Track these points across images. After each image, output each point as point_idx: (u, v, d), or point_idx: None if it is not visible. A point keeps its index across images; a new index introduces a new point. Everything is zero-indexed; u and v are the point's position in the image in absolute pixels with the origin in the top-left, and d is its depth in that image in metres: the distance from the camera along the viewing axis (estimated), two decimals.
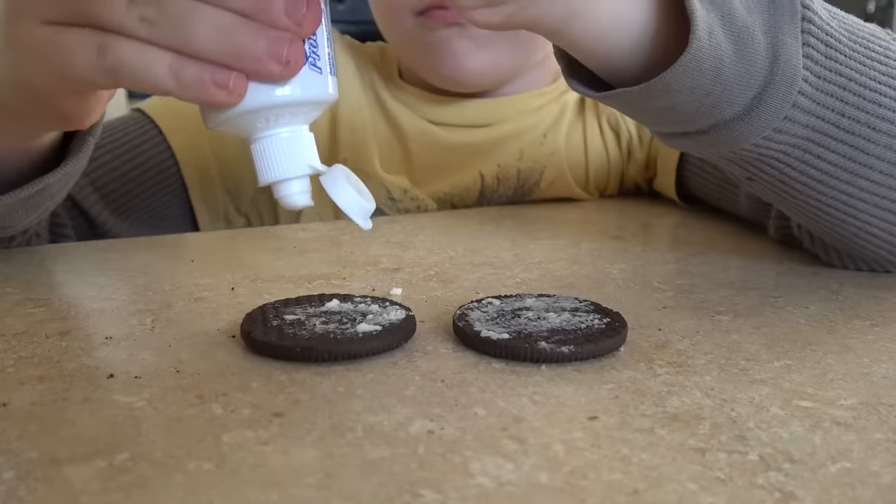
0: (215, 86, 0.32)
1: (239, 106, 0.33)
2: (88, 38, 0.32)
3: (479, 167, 0.75)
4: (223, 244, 0.62)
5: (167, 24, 0.31)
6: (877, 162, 0.43)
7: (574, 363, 0.36)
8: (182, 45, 0.31)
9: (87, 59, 0.32)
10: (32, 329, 0.40)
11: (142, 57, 0.32)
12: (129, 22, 0.31)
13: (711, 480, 0.27)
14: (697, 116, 0.40)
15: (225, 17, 0.31)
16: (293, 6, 0.31)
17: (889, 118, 0.43)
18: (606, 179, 0.79)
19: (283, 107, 0.33)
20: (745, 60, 0.38)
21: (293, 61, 0.32)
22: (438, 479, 0.26)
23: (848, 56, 0.41)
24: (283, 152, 0.34)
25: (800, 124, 0.41)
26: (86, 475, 0.26)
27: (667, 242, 0.60)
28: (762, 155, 0.43)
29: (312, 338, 0.36)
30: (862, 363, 0.37)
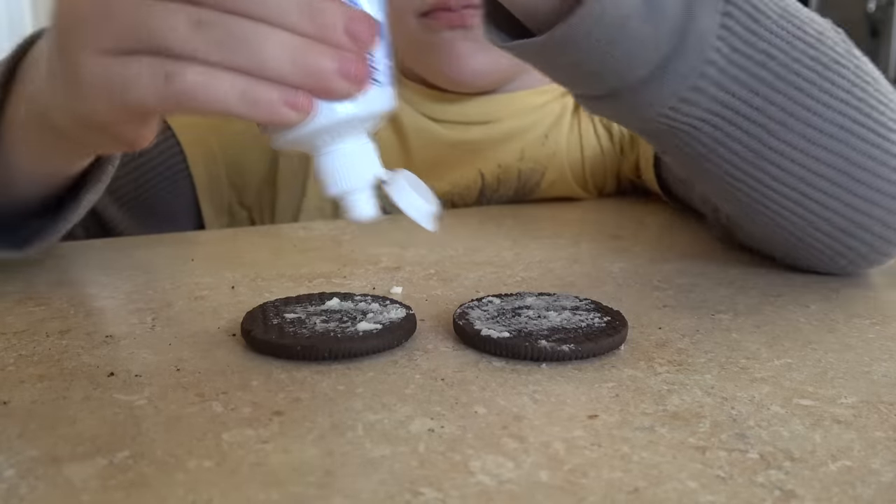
0: (286, 106, 0.32)
1: (307, 125, 0.33)
2: (154, 66, 0.32)
3: (478, 165, 0.75)
4: (224, 243, 0.62)
5: (235, 46, 0.31)
6: (789, 150, 0.42)
7: (574, 362, 0.36)
8: (252, 66, 0.31)
9: (155, 87, 0.32)
10: (33, 328, 0.40)
11: (211, 81, 0.31)
12: (196, 46, 0.31)
13: (712, 479, 0.27)
14: (602, 77, 0.39)
15: (292, 38, 0.31)
16: (353, 26, 0.32)
17: (807, 105, 0.41)
18: (604, 178, 0.79)
19: (347, 122, 0.34)
20: (652, 21, 0.37)
21: (362, 79, 0.32)
22: (439, 477, 0.26)
23: (774, 33, 0.40)
24: (349, 165, 0.35)
25: (709, 97, 0.40)
26: (86, 473, 0.26)
27: (667, 241, 0.60)
28: (672, 127, 0.42)
29: (313, 336, 0.36)
30: (862, 362, 0.37)
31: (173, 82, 0.31)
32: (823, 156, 0.42)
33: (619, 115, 0.42)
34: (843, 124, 0.42)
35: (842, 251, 0.47)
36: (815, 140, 0.42)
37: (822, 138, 0.42)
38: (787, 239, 0.48)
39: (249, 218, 0.77)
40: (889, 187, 0.44)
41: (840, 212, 0.44)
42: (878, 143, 0.43)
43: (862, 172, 0.43)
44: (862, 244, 0.46)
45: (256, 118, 0.32)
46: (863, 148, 0.43)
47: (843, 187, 0.43)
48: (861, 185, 0.44)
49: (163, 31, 0.31)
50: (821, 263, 0.49)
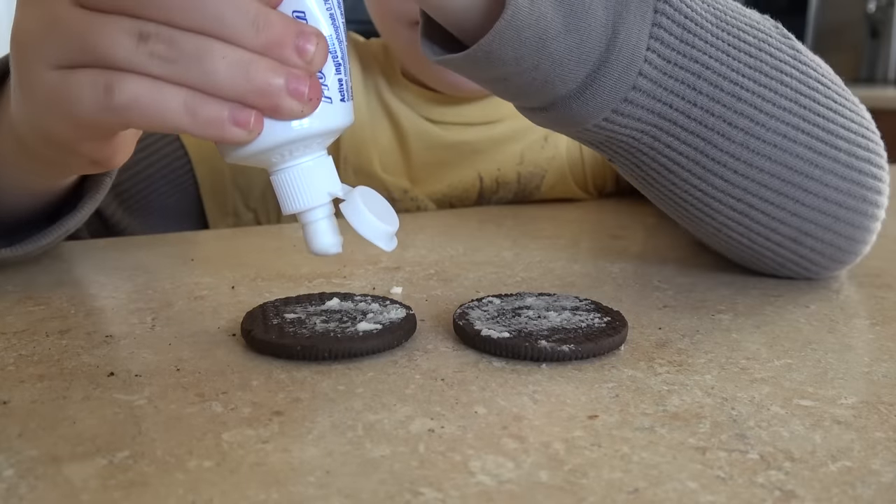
0: (234, 124, 0.31)
1: (256, 143, 0.32)
2: (95, 77, 0.31)
3: (477, 167, 0.75)
4: (223, 243, 0.62)
5: (182, 60, 0.30)
6: (731, 160, 0.41)
7: (574, 362, 0.36)
8: (198, 81, 0.30)
9: (95, 99, 0.31)
10: (33, 327, 0.40)
11: (154, 94, 0.30)
12: (139, 59, 0.30)
13: (712, 479, 0.27)
14: (532, 91, 0.38)
15: (240, 53, 0.30)
16: (302, 44, 0.31)
17: (749, 114, 0.40)
18: (604, 178, 0.79)
19: (300, 140, 0.33)
20: (576, 34, 0.36)
21: (313, 98, 0.32)
22: (439, 477, 0.26)
23: (709, 42, 0.39)
24: (304, 183, 0.34)
25: (643, 108, 0.39)
26: (86, 473, 0.26)
27: (667, 241, 0.60)
28: (610, 138, 0.41)
29: (313, 336, 0.36)
30: (862, 362, 0.37)
31: (113, 95, 0.31)
32: (768, 166, 0.41)
33: (556, 126, 0.41)
34: (787, 133, 0.41)
35: (792, 259, 0.47)
36: (758, 150, 0.41)
37: (766, 148, 0.41)
38: (737, 249, 0.47)
39: (255, 220, 0.77)
40: (836, 195, 0.43)
41: (787, 221, 0.44)
42: (825, 152, 0.42)
43: (808, 181, 0.42)
44: (811, 251, 0.46)
45: (203, 135, 0.31)
46: (808, 157, 0.42)
47: (790, 197, 0.43)
48: (808, 194, 0.43)
49: (106, 44, 0.30)
50: (775, 271, 0.49)
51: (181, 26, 0.30)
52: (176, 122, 0.31)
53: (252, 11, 0.30)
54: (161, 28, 0.30)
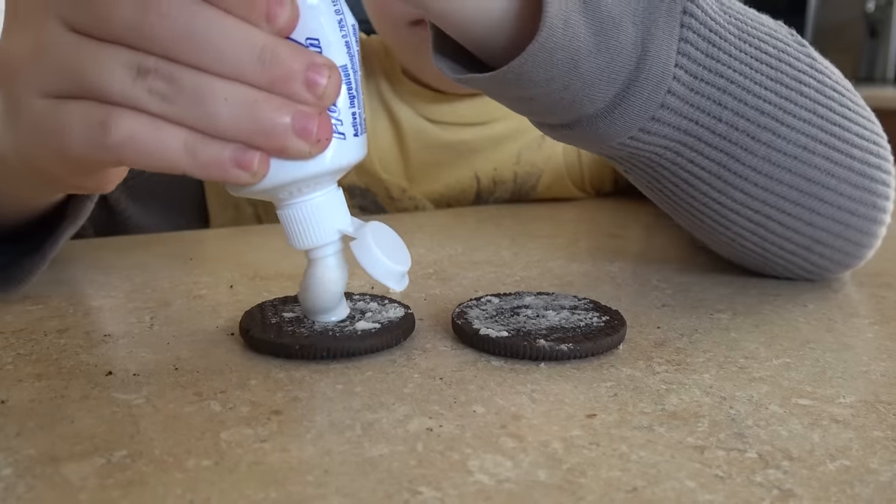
0: (236, 167, 0.29)
1: (263, 181, 0.31)
2: (89, 111, 0.29)
3: (474, 167, 0.75)
4: (222, 242, 0.62)
5: (182, 99, 0.28)
6: (752, 174, 0.41)
7: (573, 361, 0.36)
8: (200, 122, 0.28)
9: (87, 135, 0.29)
10: (31, 326, 0.40)
11: (152, 133, 0.28)
12: (136, 94, 0.28)
13: (710, 478, 0.27)
14: (558, 110, 0.37)
15: (246, 92, 0.28)
16: (313, 77, 0.29)
17: (771, 127, 0.40)
18: (601, 178, 0.79)
19: (305, 180, 0.32)
20: (607, 53, 0.35)
21: (323, 138, 0.30)
22: (437, 476, 0.26)
23: (733, 56, 0.38)
24: (313, 220, 0.33)
25: (670, 126, 0.38)
26: (84, 472, 0.26)
27: (666, 240, 0.60)
28: (632, 155, 0.41)
29: (311, 335, 0.36)
30: (861, 361, 0.37)
31: (109, 132, 0.29)
32: (787, 178, 0.42)
33: (578, 143, 0.40)
34: (807, 145, 0.41)
35: (802, 265, 0.47)
36: (778, 162, 0.41)
37: (786, 160, 0.41)
38: (749, 256, 0.47)
39: (255, 214, 0.77)
40: (849, 203, 0.44)
41: (801, 230, 0.44)
42: (840, 161, 0.43)
43: (824, 191, 0.43)
44: (821, 258, 0.46)
45: (204, 177, 0.30)
46: (825, 167, 0.42)
47: (805, 207, 0.43)
48: (823, 203, 0.43)
49: (101, 76, 0.28)
50: (782, 274, 0.49)
51: (181, 61, 0.28)
52: (175, 163, 0.29)
53: (258, 45, 0.28)
54: (160, 63, 0.28)
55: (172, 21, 0.28)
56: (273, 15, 0.28)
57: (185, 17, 0.28)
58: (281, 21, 0.29)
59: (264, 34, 0.29)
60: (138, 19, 0.28)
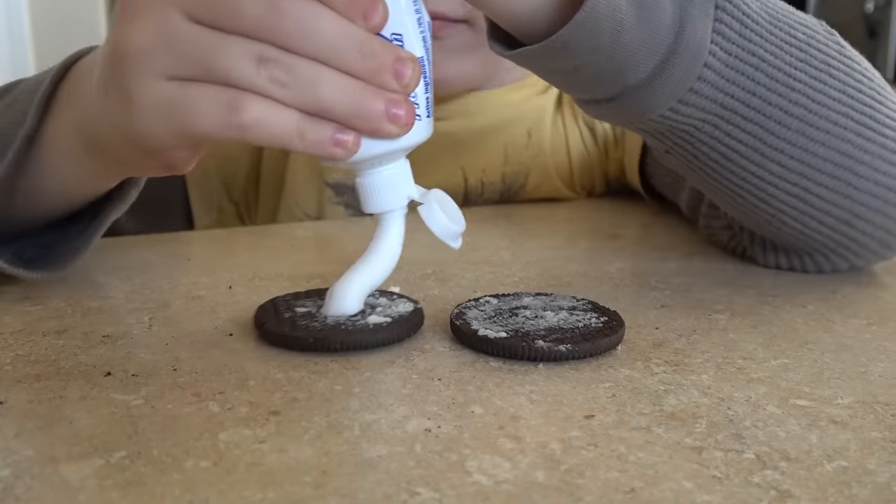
0: (335, 145, 0.34)
1: (352, 157, 0.35)
2: (218, 94, 0.33)
3: (460, 162, 0.75)
4: (221, 243, 0.62)
5: (297, 85, 0.33)
6: (788, 147, 0.43)
7: (571, 362, 0.36)
8: (309, 105, 0.33)
9: (217, 115, 0.33)
10: (30, 327, 0.40)
11: (273, 115, 0.33)
12: (259, 81, 0.32)
13: (708, 479, 0.27)
14: (603, 82, 0.40)
15: (346, 80, 0.33)
16: (400, 69, 0.33)
17: (802, 103, 0.43)
18: (591, 178, 0.79)
19: (387, 154, 0.36)
20: (647, 26, 0.38)
21: (409, 123, 0.34)
22: (435, 477, 0.26)
23: (764, 38, 0.41)
24: (386, 188, 0.38)
25: (707, 98, 0.41)
26: (82, 473, 0.26)
27: (664, 241, 0.60)
28: (672, 127, 0.43)
29: (324, 329, 0.37)
30: (859, 362, 0.37)
31: (235, 114, 0.33)
32: (822, 151, 0.44)
33: (620, 118, 0.43)
34: (839, 121, 0.43)
35: (845, 243, 0.48)
36: (813, 137, 0.43)
37: (820, 135, 0.43)
38: (790, 233, 0.48)
39: (237, 213, 0.77)
40: (886, 179, 0.46)
41: (840, 204, 0.46)
42: (873, 138, 0.45)
43: (859, 166, 0.45)
44: (863, 234, 0.47)
45: (309, 153, 0.34)
46: (859, 143, 0.44)
47: (842, 180, 0.45)
48: (859, 177, 0.45)
49: (228, 64, 0.33)
50: (825, 260, 0.50)
51: (296, 52, 0.32)
52: (287, 142, 0.33)
53: (358, 39, 0.33)
54: (280, 53, 0.32)
55: (290, 17, 0.32)
56: (369, 13, 0.33)
57: (300, 13, 0.32)
58: (376, 19, 0.33)
59: (363, 31, 0.33)
60: (263, 14, 0.32)
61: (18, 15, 2.57)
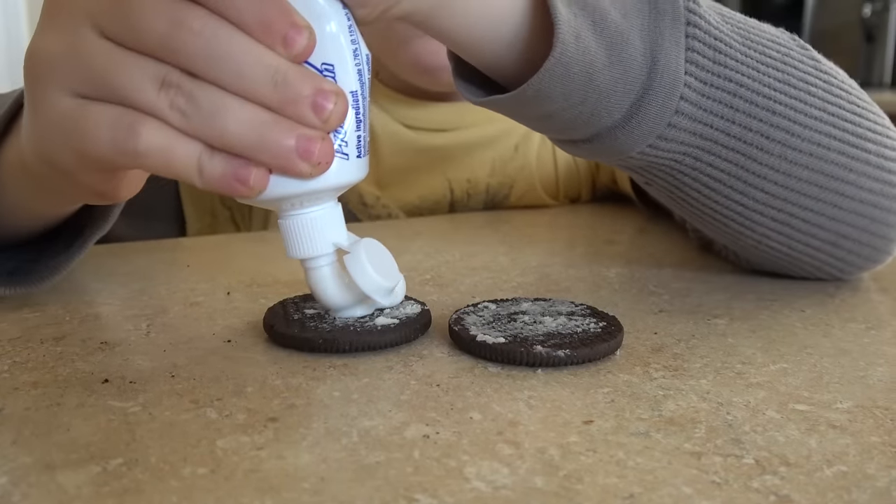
0: (237, 181, 0.31)
1: (266, 193, 0.32)
2: (117, 117, 0.31)
3: (447, 174, 0.75)
4: (219, 249, 0.62)
5: (199, 115, 0.30)
6: (771, 172, 0.42)
7: (570, 367, 0.36)
8: (212, 138, 0.31)
9: (111, 139, 0.31)
10: (27, 334, 0.40)
11: (171, 144, 0.31)
12: (159, 106, 0.30)
13: (707, 484, 0.27)
14: (578, 125, 0.39)
15: (256, 112, 0.30)
16: (320, 102, 0.31)
17: (784, 127, 0.41)
18: (577, 188, 0.79)
19: (307, 194, 0.34)
20: (619, 66, 0.37)
21: (323, 162, 0.32)
22: (434, 483, 0.26)
23: (740, 62, 0.40)
24: (310, 232, 0.35)
25: (686, 131, 0.40)
26: (79, 480, 0.26)
27: (662, 246, 0.60)
28: (651, 164, 0.42)
29: (333, 330, 0.37)
30: (857, 366, 0.37)
31: (130, 139, 0.31)
32: (805, 174, 0.43)
33: (599, 156, 0.42)
34: (821, 142, 0.42)
35: (829, 262, 0.47)
36: (794, 160, 0.42)
37: (802, 157, 0.42)
38: (776, 257, 0.48)
39: (231, 218, 0.77)
40: (870, 196, 0.45)
41: (826, 226, 0.45)
42: (856, 155, 0.44)
43: (844, 185, 0.44)
44: (848, 253, 0.47)
45: (209, 189, 0.32)
46: (842, 161, 0.43)
47: (827, 202, 0.44)
48: (844, 197, 0.44)
49: (129, 84, 0.30)
50: (812, 274, 0.49)
51: (202, 77, 0.30)
52: (185, 175, 0.31)
53: (272, 67, 0.30)
54: (183, 78, 0.30)
55: (197, 38, 0.30)
56: (290, 40, 0.30)
57: (209, 35, 0.30)
58: (298, 47, 0.30)
59: (279, 58, 0.30)
60: (168, 34, 0.30)
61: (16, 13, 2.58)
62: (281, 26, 0.30)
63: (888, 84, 2.62)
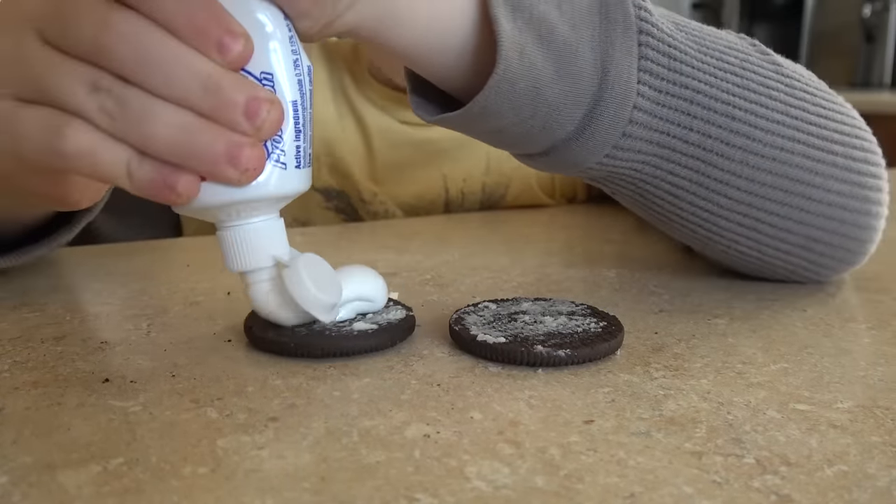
0: (166, 188, 0.31)
1: (199, 201, 0.32)
2: (47, 118, 0.31)
3: (442, 169, 0.75)
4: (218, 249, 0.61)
5: (126, 119, 0.30)
6: (733, 178, 0.42)
7: (570, 367, 0.36)
8: (139, 142, 0.30)
9: (44, 139, 0.31)
10: (27, 334, 0.40)
11: (99, 147, 0.30)
12: (88, 108, 0.30)
13: (708, 484, 0.27)
14: (531, 139, 0.39)
15: (185, 118, 0.30)
16: (253, 108, 0.30)
17: (744, 132, 0.41)
18: (573, 185, 0.79)
19: (242, 203, 0.33)
20: (568, 78, 0.37)
21: (251, 168, 0.31)
22: (434, 483, 0.26)
23: (696, 68, 0.40)
24: (248, 245, 0.34)
25: (643, 140, 0.40)
26: (80, 480, 0.26)
27: (663, 246, 0.60)
28: (612, 174, 0.42)
29: (309, 334, 0.37)
30: (858, 366, 0.37)
31: (58, 141, 0.30)
32: (769, 179, 0.42)
33: (557, 169, 0.42)
34: (783, 146, 0.42)
35: (802, 265, 0.47)
36: (757, 165, 0.42)
37: (765, 162, 0.42)
38: (748, 262, 0.48)
39: None
40: (839, 199, 0.44)
41: (794, 230, 0.44)
42: (822, 158, 0.43)
43: (810, 189, 0.43)
44: (821, 256, 0.46)
45: (139, 194, 0.31)
46: (808, 165, 0.43)
47: (794, 206, 0.43)
48: (811, 201, 0.44)
49: (60, 87, 0.30)
50: (787, 277, 0.49)
51: (132, 82, 0.30)
52: (114, 178, 0.31)
53: (203, 73, 0.30)
54: (114, 83, 0.30)
55: (127, 43, 0.29)
56: (225, 47, 0.30)
57: (140, 40, 0.29)
58: (232, 54, 0.30)
59: (213, 64, 0.30)
60: (98, 38, 0.29)
61: None
62: (215, 32, 0.30)
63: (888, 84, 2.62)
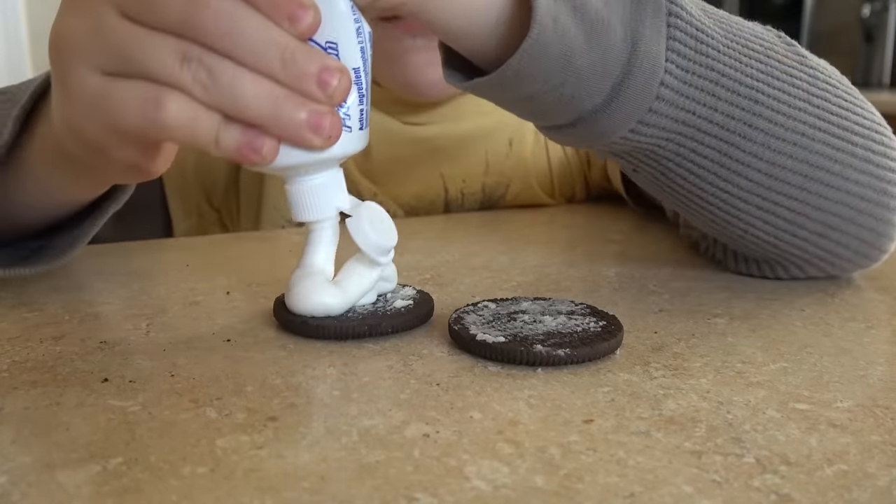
0: (250, 151, 0.33)
1: (277, 161, 0.34)
2: (142, 90, 0.33)
3: (440, 168, 0.74)
4: (218, 249, 0.61)
5: (219, 88, 0.32)
6: (754, 160, 0.43)
7: (570, 366, 0.36)
8: (232, 110, 0.33)
9: (139, 111, 0.33)
10: (26, 334, 0.40)
11: (193, 115, 0.32)
12: (182, 79, 0.32)
13: (708, 483, 0.27)
14: (559, 108, 0.40)
15: (270, 87, 0.32)
16: (325, 78, 0.33)
17: (767, 116, 0.42)
18: (571, 185, 0.79)
19: (315, 164, 0.36)
20: (599, 49, 0.38)
21: (332, 136, 0.34)
22: (434, 482, 0.26)
23: (722, 52, 0.41)
24: (315, 197, 0.38)
25: (667, 117, 0.40)
26: (79, 480, 0.26)
27: (662, 246, 0.60)
28: (636, 148, 0.43)
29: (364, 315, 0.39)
30: (858, 365, 0.37)
31: (156, 111, 0.32)
32: (790, 164, 0.43)
33: (582, 142, 0.43)
34: (805, 132, 0.43)
35: (818, 254, 0.47)
36: (779, 149, 0.43)
37: (787, 147, 0.43)
38: (763, 248, 0.48)
39: (219, 220, 0.77)
40: (857, 188, 0.45)
41: (812, 216, 0.45)
42: (842, 147, 0.44)
43: (829, 176, 0.44)
44: (836, 245, 0.47)
45: (225, 157, 0.34)
46: (827, 152, 0.44)
47: (812, 192, 0.44)
48: (829, 188, 0.44)
49: (152, 60, 0.32)
50: (799, 270, 0.49)
51: (218, 52, 0.32)
52: (205, 144, 0.33)
53: (281, 44, 0.32)
54: (203, 53, 0.32)
55: (214, 16, 0.32)
56: (296, 18, 0.32)
57: (225, 13, 0.32)
58: (303, 25, 0.32)
59: (287, 35, 0.32)
60: (187, 12, 0.32)
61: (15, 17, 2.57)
62: (287, 5, 0.32)
63: (887, 84, 2.62)
